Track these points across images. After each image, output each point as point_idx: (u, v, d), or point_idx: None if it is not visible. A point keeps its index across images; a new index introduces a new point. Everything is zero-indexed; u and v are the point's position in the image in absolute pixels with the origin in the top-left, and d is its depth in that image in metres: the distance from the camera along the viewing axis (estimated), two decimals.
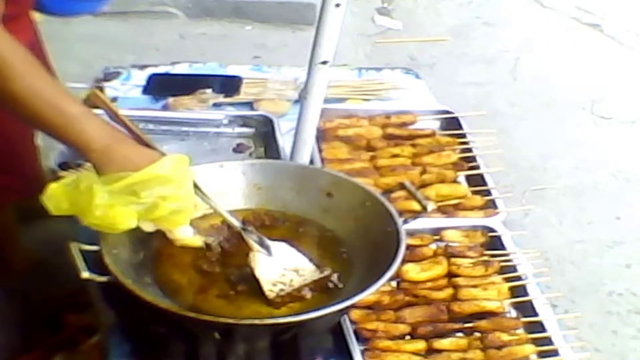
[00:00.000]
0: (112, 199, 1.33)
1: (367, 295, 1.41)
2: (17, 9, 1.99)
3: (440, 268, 1.76)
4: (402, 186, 1.66)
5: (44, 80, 1.36)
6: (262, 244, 1.47)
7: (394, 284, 1.72)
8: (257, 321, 1.36)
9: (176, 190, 1.36)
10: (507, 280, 1.76)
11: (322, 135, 2.09)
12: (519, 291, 1.74)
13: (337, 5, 1.67)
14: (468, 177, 2.08)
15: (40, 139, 2.57)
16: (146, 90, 2.36)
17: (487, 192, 2.01)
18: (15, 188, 2.34)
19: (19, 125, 2.27)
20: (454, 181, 2.04)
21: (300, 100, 1.87)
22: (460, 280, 1.74)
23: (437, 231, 1.85)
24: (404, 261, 1.50)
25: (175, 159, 1.38)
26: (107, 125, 1.39)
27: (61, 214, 1.39)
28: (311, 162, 1.93)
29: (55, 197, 1.38)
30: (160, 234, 1.49)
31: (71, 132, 1.35)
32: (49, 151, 2.81)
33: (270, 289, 1.43)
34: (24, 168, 2.36)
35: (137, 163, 1.34)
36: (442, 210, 1.95)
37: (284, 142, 2.04)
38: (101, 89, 2.27)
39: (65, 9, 2.26)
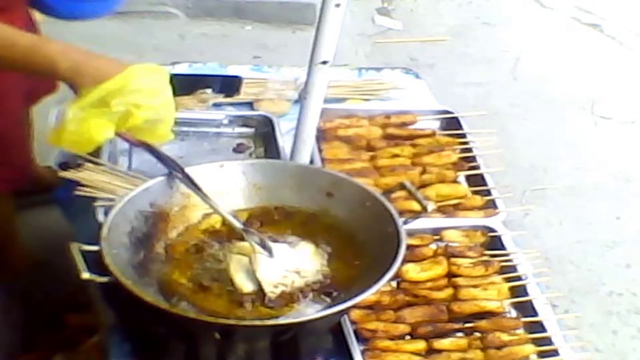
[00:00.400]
0: (84, 112, 1.31)
1: (367, 295, 1.41)
2: (8, 2, 1.99)
3: (440, 268, 1.76)
4: (402, 186, 1.66)
5: None
6: (263, 245, 1.47)
7: (394, 284, 1.73)
8: (257, 322, 1.36)
9: (149, 99, 1.34)
10: (507, 280, 1.76)
11: (322, 135, 2.09)
12: (519, 291, 1.74)
13: (337, 5, 1.67)
14: (468, 177, 2.08)
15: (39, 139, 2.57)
16: None
17: (487, 192, 2.01)
18: (7, 178, 2.34)
19: (8, 117, 2.28)
20: (454, 181, 2.04)
21: (300, 100, 1.87)
22: (460, 280, 1.74)
23: (437, 231, 1.85)
24: (404, 261, 1.49)
25: (148, 67, 1.36)
26: (71, 44, 1.36)
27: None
28: (311, 162, 1.93)
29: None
30: (160, 234, 1.50)
31: (35, 57, 1.33)
32: (49, 151, 2.82)
33: (271, 290, 1.43)
34: (15, 158, 2.37)
35: (109, 73, 1.31)
36: (442, 210, 1.95)
37: (284, 142, 2.03)
38: None
39: (73, 12, 2.27)
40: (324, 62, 1.74)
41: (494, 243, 1.85)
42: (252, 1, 4.83)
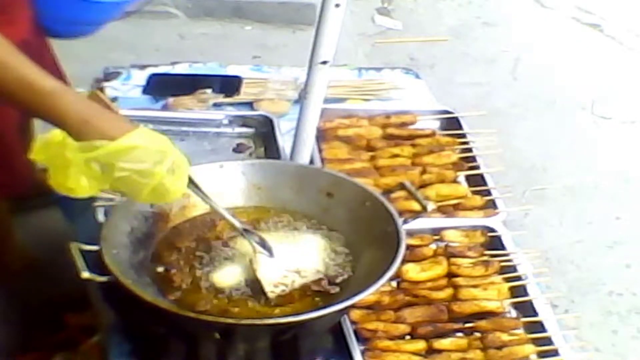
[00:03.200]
0: (84, 165, 1.29)
1: (367, 295, 1.41)
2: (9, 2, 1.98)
3: (440, 268, 1.76)
4: (402, 186, 1.66)
5: (11, 53, 1.32)
6: (263, 245, 1.47)
7: (394, 284, 1.72)
8: (257, 321, 1.36)
9: (154, 166, 1.31)
10: (507, 280, 1.76)
11: (322, 135, 2.09)
12: (519, 291, 1.74)
13: (337, 5, 1.67)
14: (468, 177, 2.08)
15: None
16: (146, 90, 2.36)
17: (487, 192, 2.01)
18: (7, 183, 2.34)
19: (8, 121, 2.28)
20: (454, 181, 2.04)
21: (300, 100, 1.87)
22: (460, 280, 1.74)
23: (437, 231, 1.85)
24: (404, 261, 1.50)
25: (152, 133, 1.34)
26: (83, 99, 1.35)
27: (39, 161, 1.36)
28: (311, 162, 1.93)
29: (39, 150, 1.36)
30: (160, 234, 1.50)
31: (46, 107, 1.31)
32: None
33: (271, 290, 1.43)
34: (13, 163, 2.36)
35: (115, 134, 1.29)
36: (442, 210, 1.95)
37: (284, 142, 2.03)
38: (101, 89, 2.27)
39: (68, 31, 2.27)
40: (324, 62, 1.74)
41: (494, 243, 1.85)
42: (252, 1, 4.83)
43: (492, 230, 1.87)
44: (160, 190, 1.33)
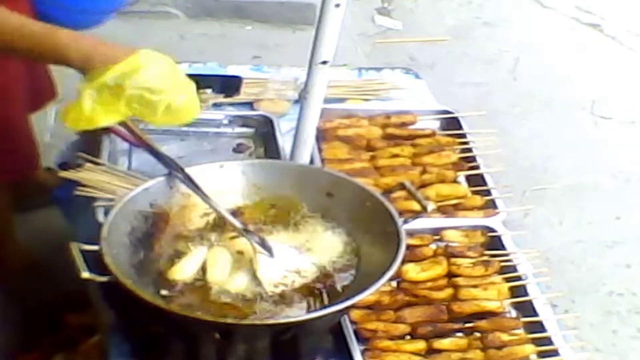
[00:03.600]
0: (98, 93, 1.34)
1: (367, 295, 1.41)
2: None
3: (440, 268, 1.76)
4: (402, 186, 1.66)
5: (6, 11, 1.37)
6: (263, 245, 1.47)
7: (394, 284, 1.73)
8: (257, 321, 1.36)
9: (161, 82, 1.36)
10: (507, 280, 1.76)
11: (322, 135, 2.09)
12: (519, 291, 1.74)
13: (337, 5, 1.67)
14: (468, 177, 2.08)
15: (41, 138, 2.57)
16: None
17: (487, 192, 2.01)
18: (16, 167, 2.35)
19: (15, 105, 2.28)
20: (454, 181, 2.04)
21: (300, 100, 1.87)
22: (460, 280, 1.74)
23: (437, 231, 1.85)
24: (404, 261, 1.50)
25: (155, 53, 1.39)
26: (79, 33, 1.39)
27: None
28: (311, 162, 1.93)
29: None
30: (160, 234, 1.49)
31: (45, 48, 1.36)
32: (49, 151, 2.82)
33: (271, 290, 1.43)
34: (22, 147, 2.37)
35: (118, 57, 1.35)
36: (442, 210, 1.95)
37: (284, 142, 2.03)
38: None
39: (76, 23, 2.27)
40: (324, 62, 1.74)
41: (494, 243, 1.85)
42: (252, 1, 4.83)
43: (492, 230, 1.87)
44: (175, 109, 1.38)
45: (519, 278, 1.76)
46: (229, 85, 2.35)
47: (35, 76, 2.40)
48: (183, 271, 1.46)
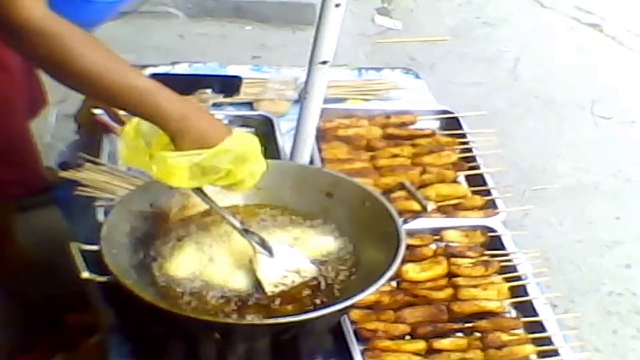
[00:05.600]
0: (173, 160, 1.36)
1: (367, 295, 1.41)
2: None
3: (440, 268, 1.76)
4: (402, 186, 1.66)
5: (106, 56, 1.36)
6: (263, 245, 1.47)
7: (394, 284, 1.73)
8: (257, 321, 1.36)
9: (243, 166, 1.41)
10: (507, 280, 1.76)
11: (322, 135, 2.09)
12: (519, 291, 1.74)
13: (337, 5, 1.67)
14: (468, 177, 2.08)
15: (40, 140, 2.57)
16: None
17: (487, 192, 2.01)
18: (21, 182, 2.35)
19: (18, 120, 2.28)
20: (454, 181, 2.04)
21: (300, 100, 1.87)
22: (460, 280, 1.74)
23: (437, 231, 1.85)
24: (404, 261, 1.50)
25: (245, 135, 1.45)
26: (178, 96, 1.40)
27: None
28: (311, 162, 1.93)
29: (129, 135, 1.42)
30: (160, 234, 1.49)
31: (145, 106, 1.36)
32: (49, 151, 2.82)
33: (271, 290, 1.43)
34: (27, 162, 2.37)
35: (212, 140, 1.37)
36: (442, 210, 1.95)
37: (284, 142, 2.03)
38: None
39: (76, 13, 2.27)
40: (324, 62, 1.74)
41: (494, 243, 1.85)
42: (252, 1, 4.83)
43: (492, 230, 1.87)
44: (240, 181, 1.43)
45: (519, 278, 1.76)
46: (229, 85, 2.35)
47: (32, 86, 2.40)
48: (182, 270, 1.46)
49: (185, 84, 2.34)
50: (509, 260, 1.80)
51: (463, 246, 1.81)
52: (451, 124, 2.21)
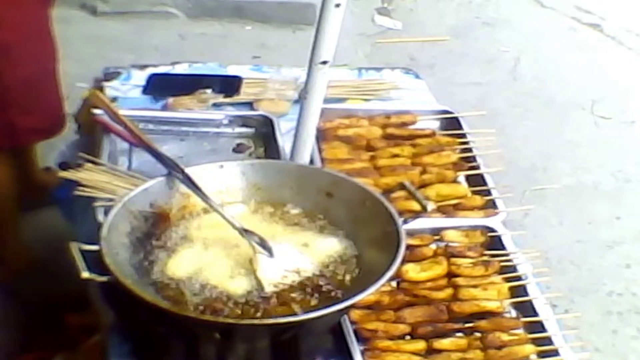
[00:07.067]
0: None
1: (367, 295, 1.41)
2: None
3: (440, 268, 1.76)
4: (402, 186, 1.66)
5: None
6: (263, 245, 1.47)
7: (394, 284, 1.72)
8: (257, 321, 1.36)
9: None
10: (507, 280, 1.76)
11: (322, 135, 2.09)
12: (519, 291, 1.74)
13: (337, 5, 1.67)
14: (468, 177, 2.08)
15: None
16: (146, 90, 2.36)
17: (487, 192, 2.01)
18: (39, 128, 2.35)
19: (39, 66, 2.28)
20: (454, 181, 2.04)
21: (300, 100, 1.87)
22: (460, 280, 1.74)
23: (437, 231, 1.85)
24: (404, 261, 1.50)
25: None
26: None
27: None
28: (311, 162, 1.93)
29: None
30: (160, 234, 1.49)
31: None
32: (49, 151, 2.82)
33: (271, 290, 1.43)
34: (46, 108, 2.37)
35: None
36: (442, 210, 1.95)
37: (284, 142, 2.03)
38: (101, 89, 2.28)
39: None
40: (324, 62, 1.74)
41: (494, 243, 1.85)
42: (252, 1, 4.83)
43: (492, 230, 1.87)
44: None
45: (519, 278, 1.76)
46: (229, 85, 2.35)
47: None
48: (182, 270, 1.46)
49: (185, 84, 2.35)
50: (509, 260, 1.79)
51: (463, 246, 1.81)
52: (451, 124, 2.21)
